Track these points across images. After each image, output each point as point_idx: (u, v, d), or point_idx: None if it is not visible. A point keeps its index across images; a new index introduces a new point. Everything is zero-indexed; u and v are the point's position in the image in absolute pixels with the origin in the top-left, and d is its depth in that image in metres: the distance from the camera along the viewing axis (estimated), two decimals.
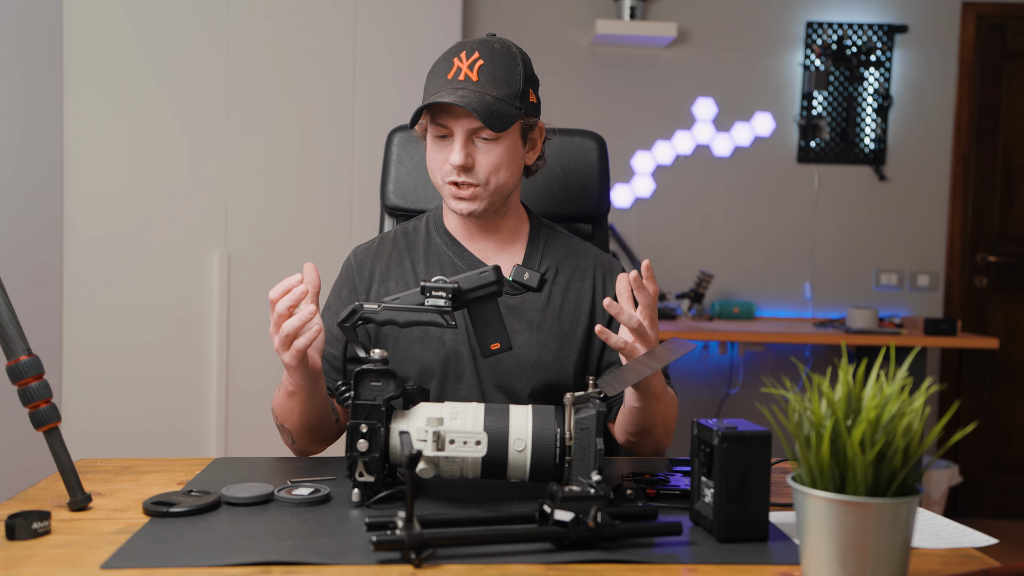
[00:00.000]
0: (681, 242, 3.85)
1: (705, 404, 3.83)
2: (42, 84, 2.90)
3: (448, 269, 1.49)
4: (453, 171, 1.40)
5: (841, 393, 0.85)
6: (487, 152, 1.41)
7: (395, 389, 1.11)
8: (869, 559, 0.81)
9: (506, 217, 1.51)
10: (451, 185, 1.42)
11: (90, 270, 2.99)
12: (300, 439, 1.41)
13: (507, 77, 1.40)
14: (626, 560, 0.95)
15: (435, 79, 1.42)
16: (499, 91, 1.39)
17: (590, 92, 3.80)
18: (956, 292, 3.93)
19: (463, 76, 1.38)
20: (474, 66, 1.39)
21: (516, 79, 1.41)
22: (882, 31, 3.84)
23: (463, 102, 1.34)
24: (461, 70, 1.39)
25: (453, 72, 1.39)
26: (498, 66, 1.40)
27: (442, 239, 1.53)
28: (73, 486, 1.08)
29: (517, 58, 1.43)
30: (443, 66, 1.41)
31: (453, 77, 1.39)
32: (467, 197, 1.42)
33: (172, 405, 3.04)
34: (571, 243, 1.56)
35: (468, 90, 1.37)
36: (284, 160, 3.09)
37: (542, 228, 1.56)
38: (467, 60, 1.39)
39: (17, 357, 1.08)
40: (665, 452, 1.50)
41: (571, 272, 1.52)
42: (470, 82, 1.38)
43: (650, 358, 1.22)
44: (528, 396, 1.45)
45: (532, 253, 1.52)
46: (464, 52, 1.40)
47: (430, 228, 1.55)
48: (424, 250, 1.52)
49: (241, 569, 0.91)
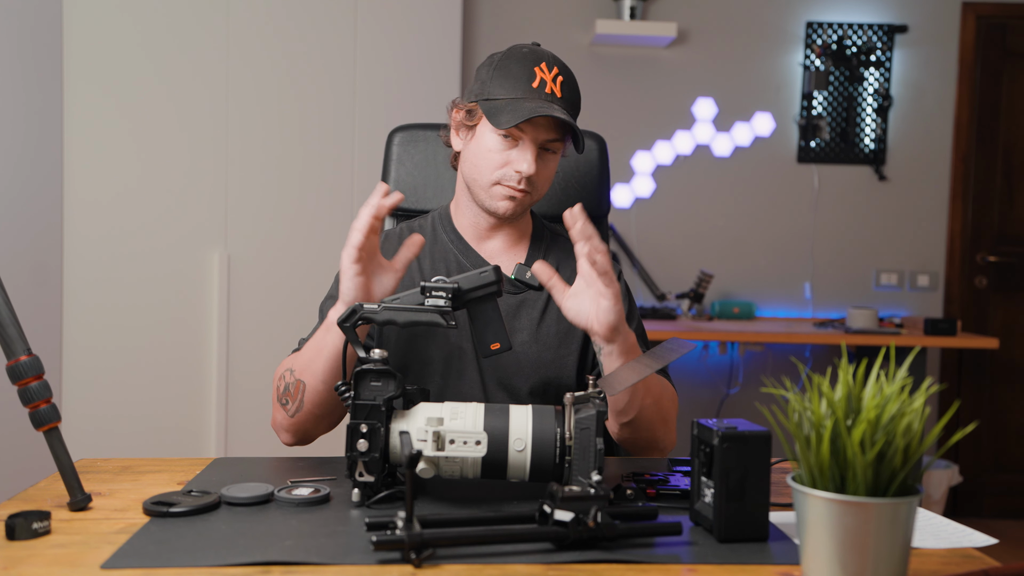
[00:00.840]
0: (681, 242, 3.85)
1: (705, 404, 3.83)
2: (42, 84, 2.90)
3: (452, 266, 1.50)
4: (517, 177, 1.42)
5: (841, 393, 0.85)
6: (547, 163, 1.45)
7: (395, 389, 1.11)
8: (869, 559, 0.81)
9: (520, 218, 1.53)
10: (505, 186, 1.43)
11: (90, 270, 2.99)
12: (312, 397, 1.33)
13: (576, 98, 1.46)
14: (626, 560, 0.95)
15: (514, 83, 1.41)
16: (574, 109, 1.44)
17: (590, 92, 3.77)
18: (956, 292, 3.93)
19: (549, 89, 1.41)
20: (557, 81, 1.41)
21: (579, 100, 1.47)
22: (882, 31, 3.85)
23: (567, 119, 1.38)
24: (546, 83, 1.41)
25: (538, 83, 1.41)
26: (572, 85, 1.45)
27: (448, 237, 1.53)
28: (73, 486, 1.08)
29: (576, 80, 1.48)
30: (522, 72, 1.41)
31: (539, 88, 1.40)
32: (519, 199, 1.45)
33: (172, 405, 3.04)
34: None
35: (559, 106, 1.40)
36: (284, 160, 3.09)
37: (545, 230, 1.59)
38: (549, 73, 1.41)
39: (17, 357, 1.07)
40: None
41: (572, 272, 1.53)
42: (555, 97, 1.41)
43: (650, 358, 1.22)
44: (528, 394, 1.46)
45: (535, 253, 1.54)
46: (544, 64, 1.42)
47: (436, 226, 1.55)
48: (430, 247, 1.53)
49: (241, 569, 0.91)
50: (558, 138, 1.42)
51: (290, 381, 1.36)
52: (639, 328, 1.57)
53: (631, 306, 1.57)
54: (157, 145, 3.03)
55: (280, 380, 1.38)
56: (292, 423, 1.37)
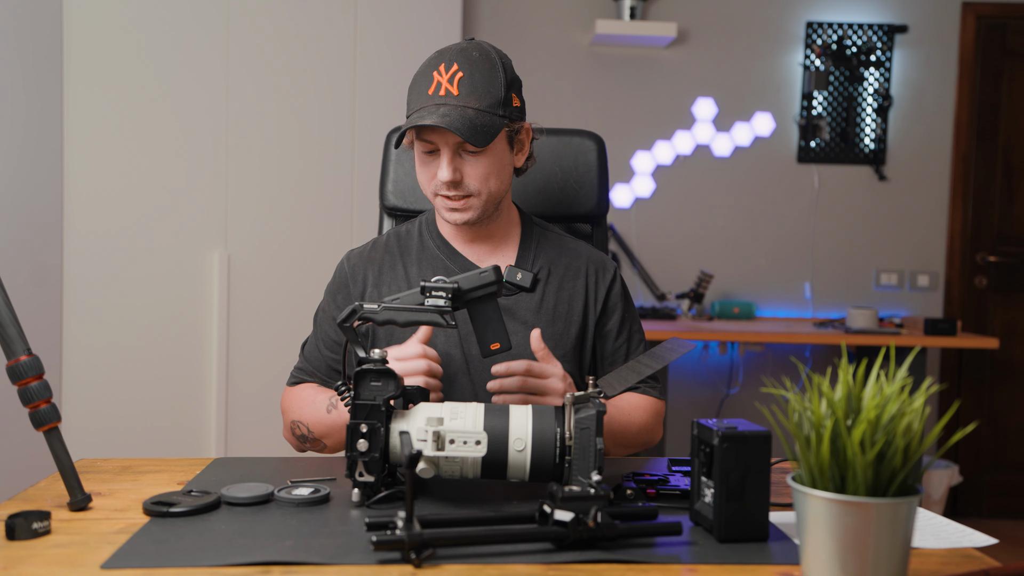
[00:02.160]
0: (681, 242, 3.85)
1: (705, 404, 3.83)
2: (42, 84, 2.90)
3: (441, 272, 1.49)
4: (443, 186, 1.41)
5: (841, 393, 0.85)
6: (475, 164, 1.40)
7: (395, 389, 1.11)
8: (869, 559, 0.81)
9: (497, 220, 1.51)
10: (443, 198, 1.43)
11: (90, 270, 2.99)
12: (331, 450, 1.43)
13: (488, 87, 1.38)
14: (626, 560, 0.95)
15: (416, 95, 1.41)
16: (481, 103, 1.37)
17: (590, 92, 3.80)
18: (956, 292, 3.93)
19: (444, 91, 1.37)
20: (454, 79, 1.37)
21: (497, 87, 1.39)
22: (882, 31, 3.84)
23: (445, 122, 1.33)
24: (441, 85, 1.37)
25: (433, 87, 1.38)
26: (478, 77, 1.38)
27: (435, 242, 1.53)
28: (73, 486, 1.08)
29: (497, 64, 1.41)
30: (423, 81, 1.40)
31: (434, 93, 1.38)
32: (460, 208, 1.43)
33: (172, 405, 3.04)
34: (563, 242, 1.56)
35: (449, 106, 1.36)
36: (284, 160, 3.09)
37: (534, 228, 1.56)
38: (447, 74, 1.38)
39: (17, 357, 1.07)
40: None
41: (564, 271, 1.53)
42: (451, 97, 1.36)
43: (650, 358, 1.22)
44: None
45: (524, 254, 1.52)
46: (443, 65, 1.39)
47: (423, 231, 1.55)
48: (417, 254, 1.52)
49: (241, 569, 0.91)
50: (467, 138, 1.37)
51: (308, 435, 1.43)
52: (636, 329, 1.57)
53: (627, 309, 1.56)
54: (157, 145, 3.03)
55: (295, 427, 1.45)
56: (303, 447, 1.46)
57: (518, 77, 1.46)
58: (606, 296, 1.53)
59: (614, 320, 1.53)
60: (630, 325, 1.55)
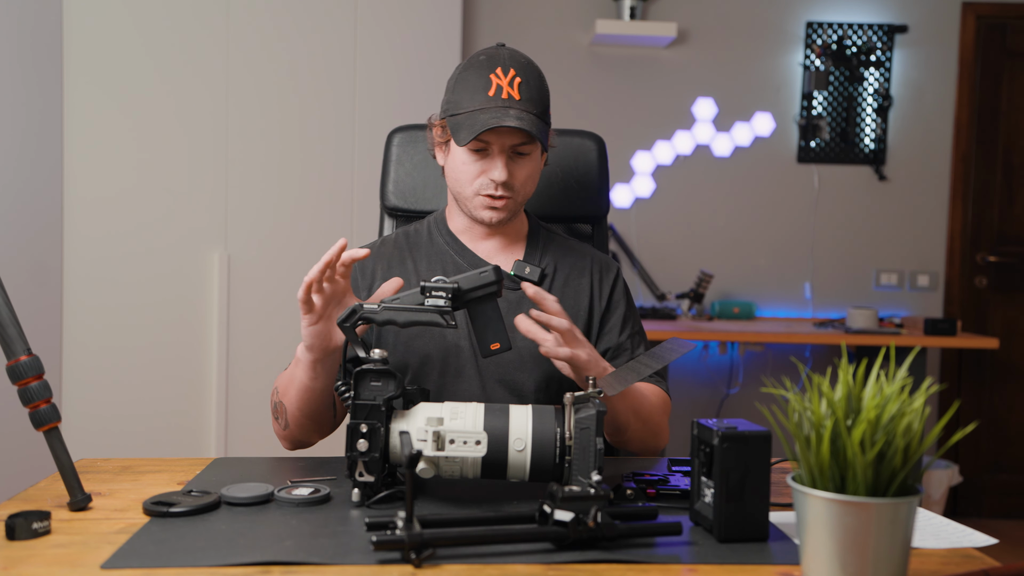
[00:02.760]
0: (681, 242, 3.85)
1: (705, 404, 3.83)
2: (42, 83, 2.90)
3: (450, 268, 1.51)
4: (492, 185, 1.44)
5: (841, 393, 0.85)
6: (522, 166, 1.45)
7: (395, 389, 1.11)
8: (869, 559, 0.81)
9: (513, 220, 1.54)
10: (485, 197, 1.45)
11: (90, 270, 2.99)
12: (292, 420, 1.40)
13: (540, 95, 1.45)
14: (626, 560, 0.95)
15: (472, 95, 1.42)
16: (537, 108, 1.43)
17: (590, 92, 3.80)
18: (956, 292, 3.93)
19: (506, 95, 1.41)
20: (514, 84, 1.41)
21: (546, 94, 1.47)
22: (882, 31, 3.84)
23: (524, 125, 1.38)
24: (503, 88, 1.41)
25: (494, 90, 1.41)
26: (533, 84, 1.44)
27: (444, 239, 1.54)
28: (73, 486, 1.08)
29: (542, 73, 1.47)
30: (478, 82, 1.42)
31: (495, 95, 1.41)
32: (500, 208, 1.46)
33: (172, 405, 3.04)
34: (568, 243, 1.60)
35: (517, 109, 1.40)
36: (284, 160, 3.09)
37: (540, 230, 1.59)
38: (505, 78, 1.41)
39: (17, 357, 1.07)
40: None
41: (569, 269, 1.55)
42: (513, 101, 1.41)
43: (650, 358, 1.22)
44: (533, 390, 1.46)
45: (532, 251, 1.55)
46: (500, 68, 1.42)
47: (432, 230, 1.57)
48: (426, 250, 1.54)
49: (241, 569, 0.91)
50: (526, 141, 1.43)
51: (276, 400, 1.43)
52: (637, 328, 1.57)
53: (629, 306, 1.57)
54: (157, 145, 3.03)
55: (272, 395, 1.45)
56: (285, 434, 1.44)
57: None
58: (610, 293, 1.55)
59: (616, 317, 1.54)
60: (632, 323, 1.56)
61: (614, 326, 1.53)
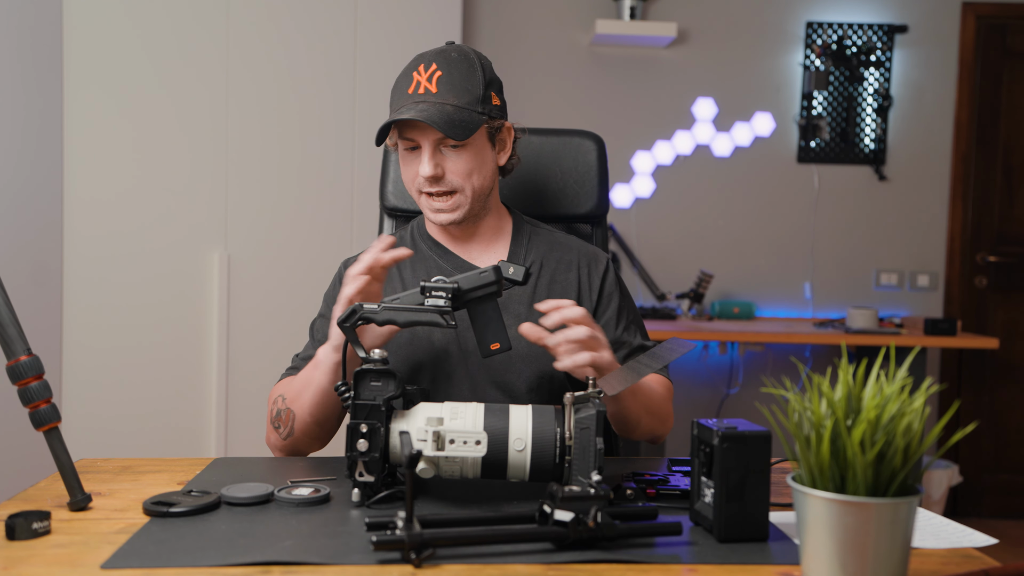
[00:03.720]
0: (681, 242, 3.85)
1: (705, 404, 3.83)
2: (42, 84, 2.90)
3: (434, 273, 1.50)
4: (424, 182, 1.44)
5: (841, 393, 0.85)
6: (455, 159, 1.44)
7: (395, 389, 1.11)
8: (869, 559, 0.81)
9: (486, 219, 1.53)
10: (426, 196, 1.46)
11: (90, 270, 2.99)
12: (300, 427, 1.38)
13: (466, 85, 1.43)
14: (626, 560, 0.95)
15: (397, 95, 1.45)
16: (459, 99, 1.42)
17: (590, 92, 3.80)
18: (956, 292, 3.93)
19: (423, 89, 1.42)
20: (432, 78, 1.42)
21: (476, 85, 1.44)
22: (882, 31, 3.84)
23: (423, 116, 1.37)
24: (420, 83, 1.42)
25: (413, 86, 1.43)
26: (455, 75, 1.43)
27: (426, 244, 1.55)
28: (73, 486, 1.08)
29: (475, 64, 1.45)
30: (403, 81, 1.45)
31: (413, 91, 1.42)
32: (446, 208, 1.46)
33: (172, 405, 3.04)
34: (554, 237, 1.58)
35: (428, 103, 1.40)
36: (284, 160, 3.09)
37: (524, 225, 1.58)
38: (425, 73, 1.43)
39: (17, 357, 1.07)
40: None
41: (555, 265, 1.53)
42: (429, 94, 1.41)
43: (650, 358, 1.22)
44: (525, 390, 1.45)
45: (516, 250, 1.54)
46: (422, 65, 1.44)
47: (415, 236, 1.57)
48: (411, 257, 1.53)
49: (241, 569, 0.91)
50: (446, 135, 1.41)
51: (281, 408, 1.41)
52: (633, 318, 1.56)
53: (623, 297, 1.56)
54: (157, 145, 3.03)
55: (273, 404, 1.43)
56: (284, 445, 1.42)
57: (498, 77, 1.50)
58: (600, 286, 1.54)
59: (611, 310, 1.52)
60: (627, 314, 1.54)
61: (609, 320, 1.52)
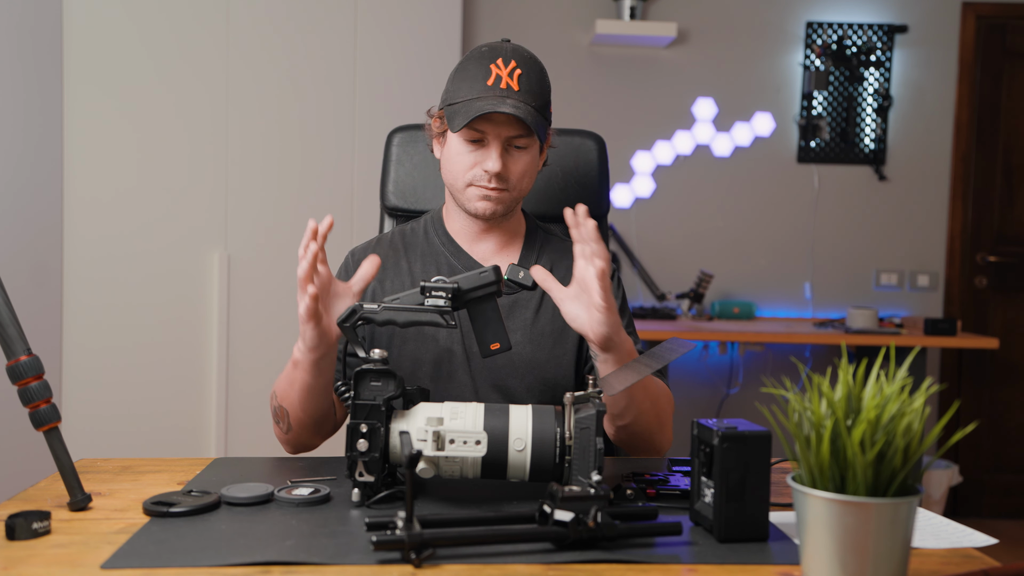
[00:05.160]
0: (681, 242, 3.85)
1: (705, 404, 3.82)
2: (42, 84, 2.90)
3: (444, 269, 1.50)
4: (487, 176, 1.42)
5: (841, 393, 0.85)
6: (518, 160, 1.44)
7: (395, 389, 1.11)
8: (869, 559, 0.81)
9: (509, 219, 1.53)
10: (478, 187, 1.44)
11: (90, 270, 2.99)
12: (296, 422, 1.38)
13: (541, 89, 1.43)
14: (626, 560, 0.95)
15: (471, 84, 1.41)
16: (536, 101, 1.41)
17: (590, 92, 3.80)
18: (956, 292, 3.93)
19: (504, 84, 1.39)
20: (513, 75, 1.40)
21: (546, 90, 1.45)
22: (882, 31, 3.84)
23: (519, 113, 1.36)
24: (501, 78, 1.40)
25: (493, 80, 1.40)
26: (533, 77, 1.42)
27: (440, 240, 1.53)
28: (73, 486, 1.08)
29: (544, 71, 1.46)
30: (478, 71, 1.41)
31: (494, 85, 1.39)
32: (493, 200, 1.44)
33: (172, 405, 3.04)
34: (566, 245, 1.58)
35: (514, 99, 1.39)
36: (284, 160, 3.09)
37: (538, 230, 1.58)
38: (505, 68, 1.40)
39: (17, 357, 1.07)
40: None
41: (565, 272, 1.53)
42: (512, 91, 1.39)
43: (650, 358, 1.22)
44: (525, 394, 1.45)
45: (528, 254, 1.53)
46: (500, 60, 1.41)
47: (428, 229, 1.56)
48: (421, 250, 1.53)
49: (241, 569, 0.91)
50: (522, 133, 1.41)
51: (276, 405, 1.41)
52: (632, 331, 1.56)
53: (623, 304, 1.56)
54: (157, 145, 3.03)
55: (271, 400, 1.43)
56: (287, 439, 1.43)
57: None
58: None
59: None
60: (625, 320, 1.54)
61: None
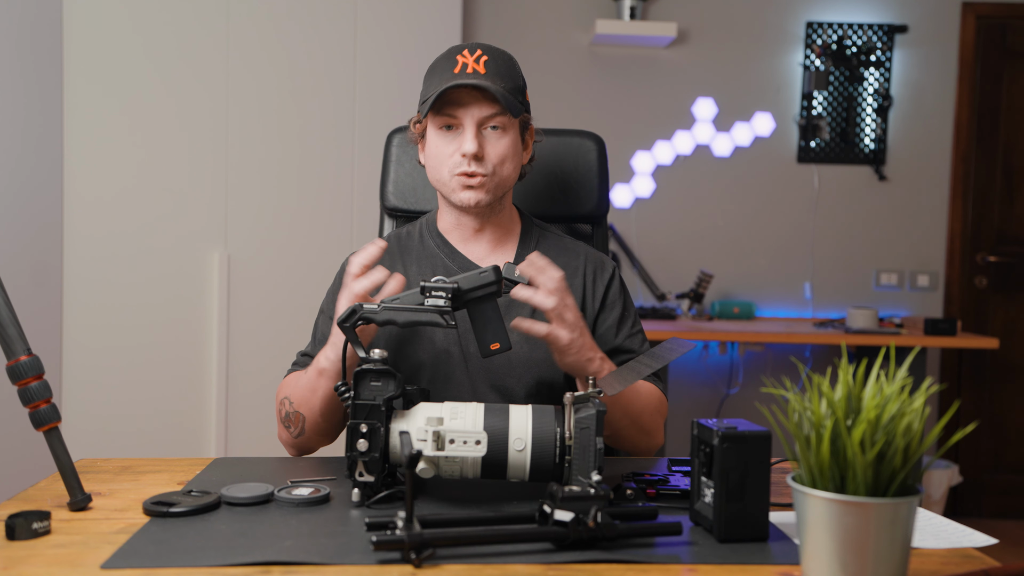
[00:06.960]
0: (681, 242, 3.85)
1: (705, 404, 3.83)
2: (42, 84, 2.90)
3: (440, 271, 1.50)
4: (465, 161, 1.42)
5: (841, 393, 0.85)
6: (495, 143, 1.43)
7: (395, 389, 1.11)
8: (869, 559, 0.81)
9: (501, 215, 1.52)
10: (461, 176, 1.43)
11: (90, 270, 2.99)
12: (312, 427, 1.39)
13: (511, 74, 1.45)
14: (626, 560, 0.95)
15: (439, 76, 1.43)
16: (506, 84, 1.43)
17: (590, 92, 3.80)
18: (956, 292, 3.93)
19: (471, 69, 1.41)
20: (480, 60, 1.42)
21: (517, 75, 1.47)
22: (882, 31, 3.84)
23: (485, 84, 1.38)
24: (468, 65, 1.41)
25: (459, 68, 1.41)
26: (501, 63, 1.44)
27: (435, 242, 1.54)
28: (73, 486, 1.08)
29: (514, 60, 1.48)
30: (446, 64, 1.43)
31: (460, 71, 1.41)
32: (476, 186, 1.43)
33: (172, 405, 3.04)
34: (563, 242, 1.57)
35: (480, 79, 1.40)
36: (284, 160, 3.09)
37: (534, 228, 1.58)
38: (471, 56, 1.42)
39: (17, 357, 1.07)
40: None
41: (562, 270, 1.53)
42: (479, 75, 1.41)
43: (650, 358, 1.22)
44: (523, 395, 1.45)
45: (523, 252, 1.53)
46: (466, 50, 1.44)
47: (423, 232, 1.56)
48: (417, 253, 1.53)
49: (241, 569, 0.91)
50: (496, 112, 1.42)
51: (290, 411, 1.41)
52: (637, 329, 1.56)
53: (626, 306, 1.56)
54: (157, 145, 3.03)
55: (281, 405, 1.43)
56: (297, 443, 1.43)
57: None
58: (604, 293, 1.53)
59: (613, 316, 1.52)
60: (630, 323, 1.54)
61: (610, 328, 1.52)
